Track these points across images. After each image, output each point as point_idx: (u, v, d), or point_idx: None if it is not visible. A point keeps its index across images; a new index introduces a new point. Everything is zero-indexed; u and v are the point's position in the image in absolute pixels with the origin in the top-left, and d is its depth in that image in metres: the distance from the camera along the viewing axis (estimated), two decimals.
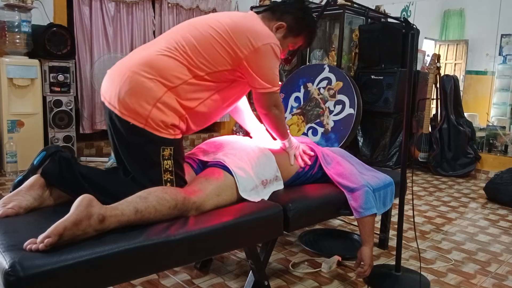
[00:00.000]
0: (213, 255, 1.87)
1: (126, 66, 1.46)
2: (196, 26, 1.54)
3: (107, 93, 1.46)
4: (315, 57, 4.77)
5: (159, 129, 1.41)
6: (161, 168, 1.43)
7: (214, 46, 1.48)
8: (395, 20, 2.10)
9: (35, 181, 1.37)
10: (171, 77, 1.43)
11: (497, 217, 2.94)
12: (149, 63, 1.43)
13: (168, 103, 1.42)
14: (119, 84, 1.42)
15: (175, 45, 1.48)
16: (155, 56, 1.45)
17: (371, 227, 1.77)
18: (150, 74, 1.41)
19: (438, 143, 4.21)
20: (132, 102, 1.39)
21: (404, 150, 1.83)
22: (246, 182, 1.56)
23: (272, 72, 1.57)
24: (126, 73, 1.42)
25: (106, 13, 4.34)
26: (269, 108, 1.64)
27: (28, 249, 1.05)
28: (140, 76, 1.40)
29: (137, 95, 1.39)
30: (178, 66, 1.45)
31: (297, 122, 3.08)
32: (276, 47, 1.55)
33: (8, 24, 3.44)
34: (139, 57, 1.47)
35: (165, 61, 1.44)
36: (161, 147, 1.42)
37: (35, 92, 3.59)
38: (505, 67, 5.25)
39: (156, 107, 1.40)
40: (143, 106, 1.38)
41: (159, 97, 1.40)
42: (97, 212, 1.14)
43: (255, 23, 1.57)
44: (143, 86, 1.40)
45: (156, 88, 1.40)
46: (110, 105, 1.43)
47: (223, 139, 1.81)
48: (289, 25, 1.66)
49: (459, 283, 1.90)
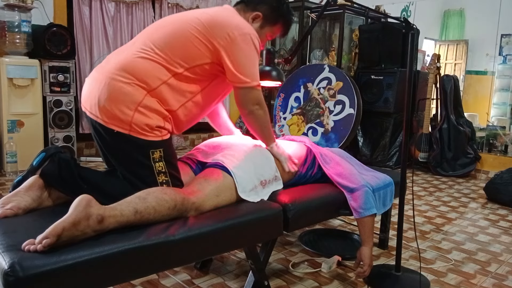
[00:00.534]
0: (213, 255, 1.87)
1: (103, 72, 1.43)
2: (171, 23, 1.52)
3: (87, 102, 1.44)
4: (315, 57, 4.77)
5: (145, 133, 1.39)
6: (154, 171, 1.41)
7: (191, 40, 1.45)
8: (395, 20, 2.10)
9: (34, 182, 1.37)
10: (149, 80, 1.40)
11: (497, 217, 2.94)
12: (125, 67, 1.40)
13: (150, 105, 1.39)
14: (98, 91, 1.39)
15: (151, 45, 1.45)
16: (131, 59, 1.42)
17: (371, 227, 1.77)
18: (128, 79, 1.38)
19: (438, 143, 4.21)
20: (113, 108, 1.36)
21: (404, 150, 1.83)
22: (245, 182, 1.56)
23: (251, 65, 1.51)
24: (103, 80, 1.40)
25: (106, 13, 4.34)
26: (250, 106, 1.56)
27: (26, 250, 1.05)
28: (118, 82, 1.38)
29: (116, 101, 1.36)
30: (155, 68, 1.42)
31: (297, 122, 3.08)
32: (254, 39, 1.51)
33: (8, 24, 3.44)
34: (115, 61, 1.44)
35: (141, 63, 1.41)
36: (150, 150, 1.40)
37: (35, 92, 3.59)
38: (505, 67, 5.25)
39: (138, 111, 1.37)
40: (124, 112, 1.36)
41: (139, 101, 1.37)
42: (96, 213, 1.14)
43: (232, 15, 1.55)
44: (122, 91, 1.37)
45: (135, 92, 1.38)
46: (92, 115, 1.41)
47: (222, 139, 1.81)
48: (265, 14, 1.64)
49: (459, 283, 1.90)
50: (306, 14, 4.66)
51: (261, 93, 1.58)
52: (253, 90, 1.54)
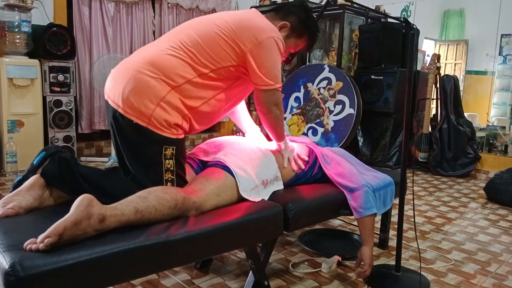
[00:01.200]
0: (213, 255, 1.87)
1: (130, 65, 1.46)
2: (199, 24, 1.54)
3: (111, 92, 1.46)
4: (315, 57, 4.77)
5: (162, 128, 1.41)
6: (163, 168, 1.42)
7: (218, 42, 1.49)
8: (395, 20, 2.10)
9: (35, 182, 1.37)
10: (174, 76, 1.43)
11: (497, 217, 2.94)
12: (153, 62, 1.43)
13: (172, 102, 1.42)
14: (123, 83, 1.42)
15: (179, 43, 1.48)
16: (159, 55, 1.45)
17: (371, 227, 1.77)
18: (154, 73, 1.41)
19: (438, 143, 4.21)
20: (136, 100, 1.39)
21: (404, 150, 1.83)
22: (246, 182, 1.56)
23: (275, 68, 1.55)
24: (130, 72, 1.42)
25: (105, 13, 4.34)
26: (270, 106, 1.61)
27: (28, 249, 1.05)
28: (144, 75, 1.41)
29: (141, 94, 1.39)
30: (182, 65, 1.45)
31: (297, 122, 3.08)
32: (279, 41, 1.55)
33: (8, 24, 3.44)
34: (142, 56, 1.47)
35: (169, 60, 1.44)
36: (163, 146, 1.42)
37: (35, 92, 3.59)
38: (505, 67, 5.25)
39: (160, 106, 1.40)
40: (146, 105, 1.38)
41: (162, 96, 1.40)
42: (97, 212, 1.14)
43: (259, 18, 1.58)
44: (147, 85, 1.40)
45: (160, 87, 1.40)
46: (114, 104, 1.43)
47: (224, 139, 1.81)
48: (292, 25, 1.68)
49: (459, 283, 1.90)
50: None
51: (280, 93, 1.64)
52: (276, 92, 1.58)
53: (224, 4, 5.24)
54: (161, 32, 4.77)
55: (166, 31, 4.76)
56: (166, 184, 1.43)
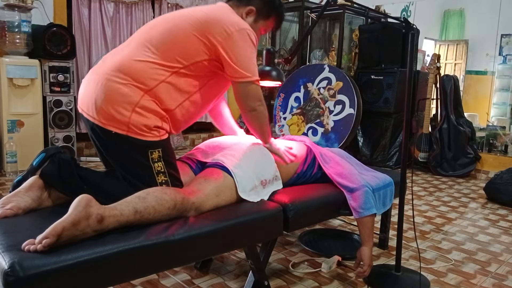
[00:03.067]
0: (213, 255, 1.87)
1: (99, 73, 1.43)
2: (166, 22, 1.52)
3: (84, 103, 1.44)
4: (315, 57, 4.77)
5: (143, 133, 1.39)
6: (154, 171, 1.41)
7: (188, 37, 1.46)
8: (395, 20, 2.10)
9: (34, 182, 1.37)
10: (146, 80, 1.40)
11: (497, 217, 2.94)
12: (122, 68, 1.40)
13: (147, 106, 1.39)
14: (94, 92, 1.39)
15: (147, 44, 1.45)
16: (127, 60, 1.42)
17: (370, 227, 1.77)
18: (124, 79, 1.38)
19: (438, 143, 4.21)
20: (110, 109, 1.36)
21: (404, 150, 1.83)
22: (245, 182, 1.56)
23: (250, 60, 1.51)
24: (99, 81, 1.40)
25: (105, 14, 4.33)
26: (251, 102, 1.55)
27: (26, 250, 1.05)
28: (114, 83, 1.38)
29: (113, 102, 1.36)
30: (151, 68, 1.41)
31: (297, 122, 3.08)
32: (251, 34, 1.52)
33: (8, 24, 3.44)
34: (111, 62, 1.44)
35: (138, 64, 1.41)
36: (149, 150, 1.40)
37: (35, 92, 3.59)
38: (505, 67, 5.24)
39: (135, 111, 1.37)
40: (121, 113, 1.36)
41: (136, 102, 1.37)
42: (96, 212, 1.14)
43: (227, 11, 1.56)
44: (118, 92, 1.37)
45: (131, 93, 1.37)
46: (89, 116, 1.41)
47: (222, 139, 1.81)
48: (258, 8, 1.65)
49: (459, 283, 1.90)
50: (306, 14, 4.66)
51: (261, 89, 1.58)
52: (253, 85, 1.53)
53: None
54: None
55: None
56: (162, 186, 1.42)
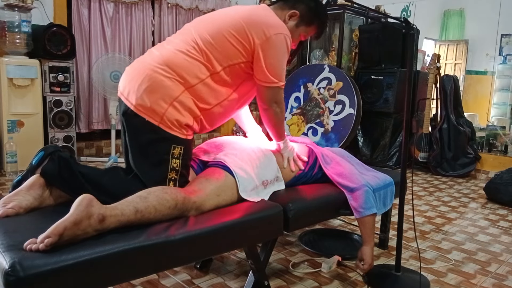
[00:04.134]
0: (213, 255, 1.87)
1: (145, 64, 1.47)
2: (209, 22, 1.56)
3: (125, 89, 1.48)
4: (315, 57, 4.77)
5: (173, 128, 1.43)
6: (168, 166, 1.43)
7: (228, 39, 1.50)
8: (395, 20, 2.10)
9: (35, 181, 1.37)
10: (189, 76, 1.45)
11: (497, 217, 2.94)
12: (168, 62, 1.45)
13: (185, 102, 1.44)
14: (138, 81, 1.44)
15: (192, 43, 1.50)
16: (174, 55, 1.47)
17: (371, 227, 1.77)
18: (169, 73, 1.43)
19: (438, 143, 4.21)
20: (150, 99, 1.40)
21: (404, 150, 1.83)
22: (246, 182, 1.56)
23: (280, 65, 1.56)
24: (145, 71, 1.44)
25: (104, 14, 4.33)
26: (271, 103, 1.62)
27: (28, 249, 1.05)
28: (159, 75, 1.43)
29: (155, 93, 1.41)
30: (195, 65, 1.46)
31: (297, 122, 3.08)
32: (288, 39, 1.55)
33: (8, 24, 3.44)
34: (157, 55, 1.49)
35: (184, 60, 1.46)
36: (173, 145, 1.44)
37: (35, 92, 3.59)
38: (505, 67, 5.24)
39: (173, 105, 1.42)
40: (160, 104, 1.40)
41: (176, 96, 1.42)
42: (97, 212, 1.14)
43: (268, 14, 1.59)
44: (162, 84, 1.42)
45: (174, 87, 1.43)
46: (127, 101, 1.45)
47: (224, 139, 1.81)
48: (301, 13, 1.68)
49: (459, 283, 1.90)
50: None
51: (283, 92, 1.64)
52: (278, 90, 1.60)
53: (223, 4, 5.24)
54: (160, 33, 4.77)
55: (166, 31, 4.76)
56: (169, 183, 1.44)
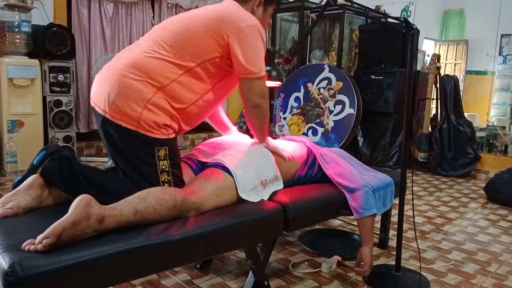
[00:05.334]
0: (213, 255, 1.87)
1: (113, 69, 1.45)
2: (179, 22, 1.54)
3: (97, 98, 1.46)
4: (315, 57, 4.77)
5: (152, 130, 1.40)
6: (158, 169, 1.41)
7: (200, 35, 1.48)
8: (395, 20, 2.10)
9: (34, 181, 1.37)
10: (159, 77, 1.42)
11: (497, 217, 2.94)
12: (136, 65, 1.42)
13: (158, 103, 1.41)
14: (108, 87, 1.41)
15: (161, 42, 1.47)
16: (142, 58, 1.44)
17: (371, 227, 1.77)
18: (138, 76, 1.40)
19: (438, 143, 4.21)
20: (122, 104, 1.38)
21: (404, 150, 1.83)
22: (245, 182, 1.56)
23: (258, 56, 1.52)
24: (114, 76, 1.41)
25: (104, 14, 4.33)
26: (256, 99, 1.56)
27: (26, 250, 1.04)
28: (128, 78, 1.40)
29: (126, 97, 1.38)
30: (165, 66, 1.44)
31: (297, 122, 3.08)
32: (261, 29, 1.54)
33: (8, 24, 3.44)
34: (126, 58, 1.46)
35: (152, 61, 1.43)
36: (156, 148, 1.41)
37: (35, 92, 3.59)
38: (505, 67, 5.24)
39: (147, 108, 1.39)
40: (133, 108, 1.37)
41: (149, 98, 1.39)
42: (96, 213, 1.14)
43: (237, 9, 1.58)
44: (132, 88, 1.39)
45: (145, 89, 1.39)
46: (100, 110, 1.42)
47: (222, 139, 1.81)
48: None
49: (459, 283, 1.90)
50: (306, 14, 4.66)
51: (266, 85, 1.59)
52: (260, 81, 1.54)
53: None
54: None
55: None
56: (163, 186, 1.42)
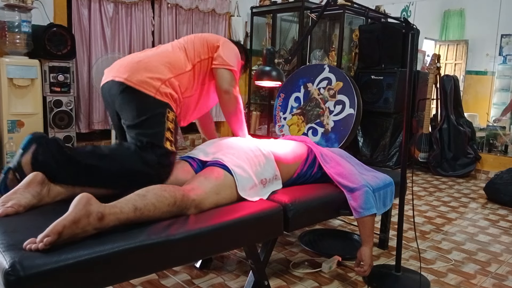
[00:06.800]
0: (213, 254, 1.87)
1: (140, 56, 1.74)
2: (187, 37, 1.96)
3: (113, 73, 1.68)
4: (315, 57, 4.77)
5: (167, 98, 1.64)
6: (165, 126, 1.61)
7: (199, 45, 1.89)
8: (395, 20, 2.10)
9: (33, 178, 1.37)
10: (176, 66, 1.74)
11: (497, 217, 2.94)
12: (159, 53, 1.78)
13: (173, 84, 1.69)
14: (131, 66, 1.66)
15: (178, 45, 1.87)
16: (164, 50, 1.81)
17: (371, 227, 1.77)
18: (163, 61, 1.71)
19: (438, 143, 4.21)
20: (147, 76, 1.63)
21: (404, 150, 1.83)
22: (245, 181, 1.56)
23: (233, 57, 1.91)
24: (140, 60, 1.69)
25: (104, 14, 4.33)
26: (227, 85, 1.84)
27: (27, 249, 1.05)
28: (155, 62, 1.70)
29: (151, 72, 1.65)
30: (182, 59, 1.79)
31: (297, 122, 3.08)
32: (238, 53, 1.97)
33: (8, 24, 3.44)
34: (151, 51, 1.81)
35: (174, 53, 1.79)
36: (167, 109, 1.64)
37: (35, 92, 3.59)
38: (505, 67, 5.24)
39: (165, 84, 1.66)
40: (155, 80, 1.64)
41: (168, 78, 1.68)
42: (96, 210, 1.14)
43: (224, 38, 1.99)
44: (157, 67, 1.67)
45: (166, 72, 1.69)
46: (121, 78, 1.63)
47: (223, 139, 1.81)
48: None
49: (459, 283, 1.90)
50: (306, 14, 4.67)
51: (237, 81, 1.91)
52: (231, 72, 1.87)
53: (223, 4, 5.24)
54: (160, 33, 4.77)
55: (165, 31, 4.76)
56: (165, 143, 1.58)
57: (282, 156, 1.79)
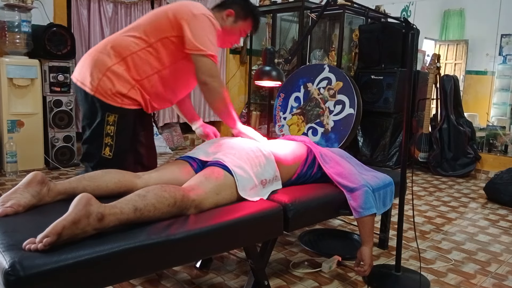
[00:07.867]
0: (213, 254, 1.87)
1: (92, 50, 1.75)
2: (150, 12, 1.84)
3: (76, 72, 1.77)
4: (315, 57, 4.77)
5: (106, 97, 1.65)
6: (103, 132, 1.65)
7: (161, 19, 1.73)
8: (395, 20, 2.10)
9: (33, 178, 1.37)
10: (122, 50, 1.68)
11: (497, 217, 2.94)
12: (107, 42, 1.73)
13: (116, 71, 1.66)
14: (84, 62, 1.72)
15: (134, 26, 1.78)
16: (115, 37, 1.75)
17: (370, 227, 1.77)
18: (106, 50, 1.69)
19: (438, 143, 4.21)
20: (88, 73, 1.66)
21: (404, 150, 1.83)
22: (245, 181, 1.56)
23: (207, 37, 1.69)
24: (91, 55, 1.72)
25: (104, 14, 4.33)
26: (204, 76, 1.70)
27: (27, 249, 1.04)
28: (101, 54, 1.69)
29: (93, 67, 1.67)
30: (130, 40, 1.70)
31: (297, 122, 3.08)
32: (213, 19, 1.74)
33: (8, 24, 3.44)
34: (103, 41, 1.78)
35: (123, 38, 1.73)
36: (106, 112, 1.65)
37: (35, 92, 3.59)
38: (505, 67, 5.23)
39: (106, 75, 1.65)
40: (95, 76, 1.65)
41: (109, 67, 1.65)
42: (96, 211, 1.14)
43: (198, 3, 1.79)
44: (99, 59, 1.68)
45: (108, 59, 1.67)
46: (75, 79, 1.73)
47: (223, 139, 1.81)
48: (236, 11, 1.89)
49: (459, 283, 1.90)
50: (306, 14, 4.66)
51: (216, 67, 1.74)
52: (207, 59, 1.69)
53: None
54: None
55: None
56: (104, 149, 1.68)
57: (282, 157, 1.79)
